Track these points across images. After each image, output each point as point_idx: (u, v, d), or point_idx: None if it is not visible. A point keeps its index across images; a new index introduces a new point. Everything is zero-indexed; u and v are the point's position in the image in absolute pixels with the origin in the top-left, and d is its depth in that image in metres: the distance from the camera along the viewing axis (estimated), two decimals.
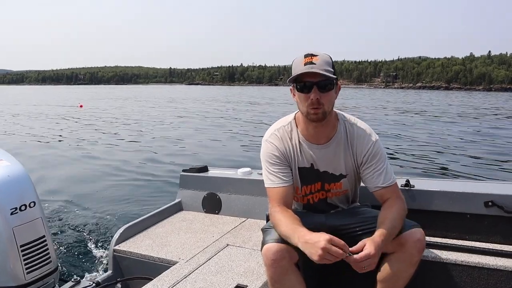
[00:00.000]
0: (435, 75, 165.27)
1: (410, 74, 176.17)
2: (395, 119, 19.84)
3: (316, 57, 1.68)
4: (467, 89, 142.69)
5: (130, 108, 29.63)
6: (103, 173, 8.06)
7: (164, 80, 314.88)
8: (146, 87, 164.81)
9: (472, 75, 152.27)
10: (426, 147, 11.27)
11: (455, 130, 15.55)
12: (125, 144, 12.20)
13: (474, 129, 16.01)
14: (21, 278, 1.83)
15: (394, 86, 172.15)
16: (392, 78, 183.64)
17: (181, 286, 1.83)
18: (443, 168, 8.36)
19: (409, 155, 9.90)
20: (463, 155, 9.98)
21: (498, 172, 8.13)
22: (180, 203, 3.02)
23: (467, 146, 11.46)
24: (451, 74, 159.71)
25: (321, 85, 1.67)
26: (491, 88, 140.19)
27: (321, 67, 1.65)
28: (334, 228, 1.85)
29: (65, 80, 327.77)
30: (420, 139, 12.79)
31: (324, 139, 1.85)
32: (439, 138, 13.24)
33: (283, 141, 1.87)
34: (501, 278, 1.88)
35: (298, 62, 1.71)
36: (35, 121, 19.80)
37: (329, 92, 1.70)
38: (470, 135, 14.19)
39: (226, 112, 25.28)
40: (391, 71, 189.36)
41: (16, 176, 1.88)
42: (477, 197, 2.10)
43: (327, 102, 1.71)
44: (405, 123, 18.08)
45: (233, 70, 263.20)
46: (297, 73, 1.67)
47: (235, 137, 13.38)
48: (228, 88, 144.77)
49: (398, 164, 8.48)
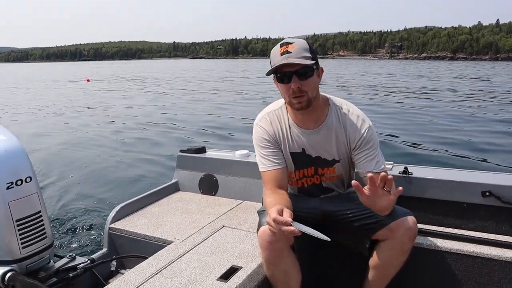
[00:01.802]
0: (440, 45, 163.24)
1: (415, 45, 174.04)
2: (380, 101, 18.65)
3: (292, 45, 1.66)
4: (473, 59, 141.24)
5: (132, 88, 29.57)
6: (101, 152, 8.06)
7: (168, 54, 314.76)
8: (149, 62, 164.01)
9: (479, 45, 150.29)
10: (424, 133, 11.10)
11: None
12: (123, 123, 12.17)
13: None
14: (17, 253, 1.83)
15: (399, 56, 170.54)
16: (397, 49, 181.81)
17: (176, 265, 1.84)
18: (441, 156, 8.30)
19: (407, 141, 9.80)
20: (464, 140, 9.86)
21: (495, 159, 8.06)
22: (177, 183, 3.01)
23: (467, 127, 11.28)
24: (457, 43, 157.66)
25: (300, 73, 1.66)
26: (498, 57, 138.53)
27: (298, 55, 1.64)
28: (329, 213, 1.86)
29: (69, 57, 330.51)
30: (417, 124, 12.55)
31: (313, 124, 1.84)
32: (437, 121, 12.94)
33: (273, 125, 1.87)
34: (495, 268, 1.90)
35: (275, 53, 1.70)
36: (41, 97, 19.80)
37: (309, 78, 1.69)
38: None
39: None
40: (396, 41, 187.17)
41: (12, 150, 1.87)
42: (474, 186, 2.11)
43: (310, 89, 1.70)
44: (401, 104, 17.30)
45: (237, 43, 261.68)
46: (275, 64, 1.67)
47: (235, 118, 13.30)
48: (231, 61, 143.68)
49: (395, 152, 8.40)
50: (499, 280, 1.90)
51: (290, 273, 1.73)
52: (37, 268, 1.94)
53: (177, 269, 1.80)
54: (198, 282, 1.68)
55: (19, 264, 1.84)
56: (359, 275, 1.94)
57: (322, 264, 2.28)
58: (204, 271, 1.77)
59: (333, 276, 2.29)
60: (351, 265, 2.10)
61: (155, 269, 1.81)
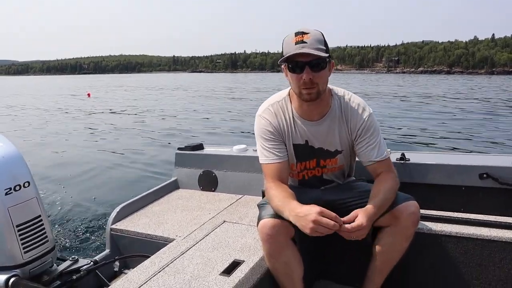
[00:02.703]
0: (437, 59, 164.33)
1: (412, 59, 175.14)
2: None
3: (307, 35, 1.62)
4: (469, 73, 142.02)
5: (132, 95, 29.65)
6: (99, 154, 8.07)
7: (167, 68, 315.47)
8: (149, 76, 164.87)
9: (475, 59, 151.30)
10: (422, 120, 11.25)
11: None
12: (122, 125, 12.19)
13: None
14: (19, 258, 1.83)
15: (396, 70, 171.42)
16: (394, 63, 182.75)
17: (178, 262, 1.84)
18: (439, 140, 8.38)
19: (404, 128, 9.89)
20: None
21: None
22: (176, 181, 3.01)
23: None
24: (453, 58, 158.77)
25: (313, 64, 1.63)
26: (493, 71, 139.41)
27: (313, 46, 1.61)
28: (331, 203, 1.85)
29: (69, 70, 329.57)
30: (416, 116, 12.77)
31: (318, 116, 1.83)
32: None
33: (277, 117, 1.84)
34: (495, 249, 1.90)
35: (288, 41, 1.66)
36: (43, 111, 19.83)
37: (322, 71, 1.66)
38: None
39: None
40: (393, 55, 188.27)
41: (9, 156, 1.86)
42: (472, 169, 2.12)
43: (320, 82, 1.68)
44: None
45: (236, 57, 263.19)
46: (288, 53, 1.63)
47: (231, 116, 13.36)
48: (230, 75, 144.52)
49: (393, 139, 8.47)
50: (500, 261, 1.90)
51: (292, 265, 1.73)
52: (40, 272, 1.94)
53: (180, 266, 1.81)
54: (201, 278, 1.69)
55: (22, 269, 1.84)
56: (361, 265, 1.94)
57: (323, 255, 2.28)
58: (206, 267, 1.78)
59: (335, 267, 2.30)
60: (353, 256, 2.10)
61: (158, 267, 1.81)
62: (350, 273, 2.22)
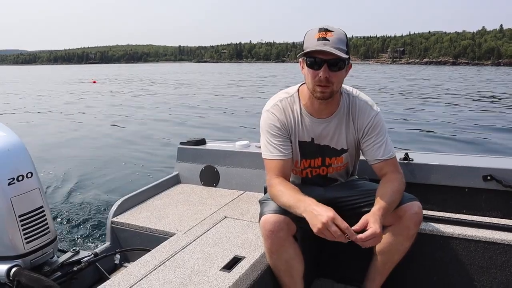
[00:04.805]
0: (442, 50, 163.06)
1: (417, 50, 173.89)
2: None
3: (331, 33, 1.60)
4: (475, 64, 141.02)
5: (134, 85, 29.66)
6: (102, 147, 8.09)
7: (173, 58, 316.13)
8: (155, 65, 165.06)
9: (481, 50, 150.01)
10: (426, 121, 11.20)
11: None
12: (124, 118, 12.20)
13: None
14: (21, 248, 1.84)
15: (401, 61, 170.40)
16: (399, 54, 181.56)
17: (179, 257, 1.84)
18: (443, 141, 8.34)
19: (409, 128, 9.85)
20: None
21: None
22: (178, 176, 3.01)
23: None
24: (459, 49, 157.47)
25: (332, 63, 1.61)
26: (500, 62, 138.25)
27: (335, 45, 1.58)
28: (333, 201, 1.84)
29: (76, 60, 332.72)
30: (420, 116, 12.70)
31: (327, 114, 1.81)
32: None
33: (285, 113, 1.83)
34: (497, 251, 1.90)
35: (311, 35, 1.63)
36: (51, 99, 19.90)
37: (339, 71, 1.64)
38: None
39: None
40: (398, 46, 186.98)
41: (12, 146, 1.87)
42: (475, 171, 2.10)
43: (336, 82, 1.66)
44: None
45: (241, 48, 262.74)
46: (309, 48, 1.61)
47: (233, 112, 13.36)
48: (236, 64, 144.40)
49: (398, 138, 8.45)
50: (502, 264, 1.90)
51: (293, 262, 1.73)
52: (41, 263, 1.95)
53: (180, 261, 1.80)
54: (201, 273, 1.69)
55: (24, 259, 1.85)
56: (362, 265, 1.94)
57: (324, 254, 2.28)
58: (207, 262, 1.78)
59: (336, 266, 2.30)
60: (353, 255, 2.09)
61: (158, 261, 1.81)
62: (350, 272, 2.23)
